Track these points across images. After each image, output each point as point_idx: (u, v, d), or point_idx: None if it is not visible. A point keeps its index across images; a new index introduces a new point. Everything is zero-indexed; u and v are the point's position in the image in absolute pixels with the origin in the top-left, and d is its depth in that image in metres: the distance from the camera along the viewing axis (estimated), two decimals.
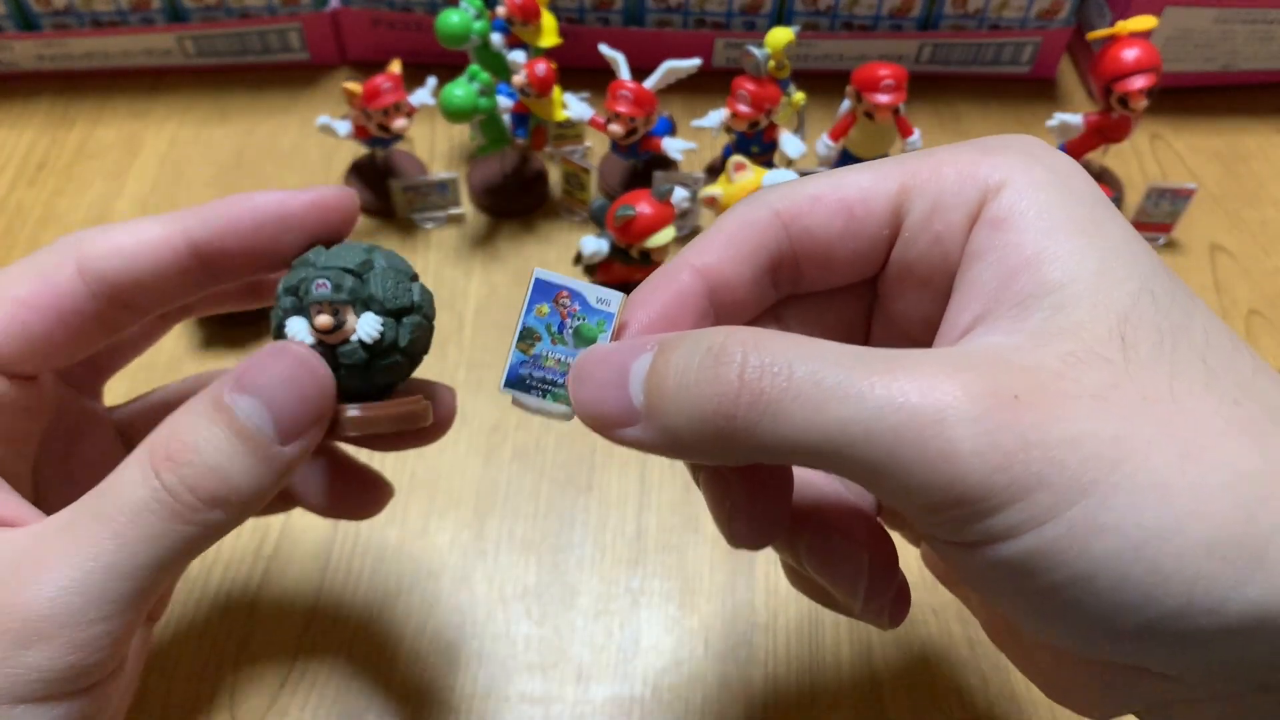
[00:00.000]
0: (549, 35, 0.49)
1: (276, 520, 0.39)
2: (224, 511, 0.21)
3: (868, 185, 0.22)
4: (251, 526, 0.39)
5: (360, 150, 0.52)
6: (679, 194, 0.41)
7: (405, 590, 0.37)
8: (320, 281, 0.23)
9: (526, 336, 0.23)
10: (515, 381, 0.23)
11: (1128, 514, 0.17)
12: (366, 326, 0.23)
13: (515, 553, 0.39)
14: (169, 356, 0.44)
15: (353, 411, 0.24)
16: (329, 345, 0.23)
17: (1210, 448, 0.17)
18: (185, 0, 0.55)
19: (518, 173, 0.52)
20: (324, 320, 0.23)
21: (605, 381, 0.21)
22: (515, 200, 0.51)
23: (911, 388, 0.18)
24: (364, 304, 0.24)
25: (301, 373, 0.22)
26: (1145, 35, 0.47)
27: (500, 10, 0.48)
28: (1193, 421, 0.18)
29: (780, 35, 0.46)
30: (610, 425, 0.20)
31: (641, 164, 0.51)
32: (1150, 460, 0.17)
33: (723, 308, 0.23)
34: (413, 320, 0.25)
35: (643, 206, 0.40)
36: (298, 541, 0.38)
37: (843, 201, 0.22)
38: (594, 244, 0.42)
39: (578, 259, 0.43)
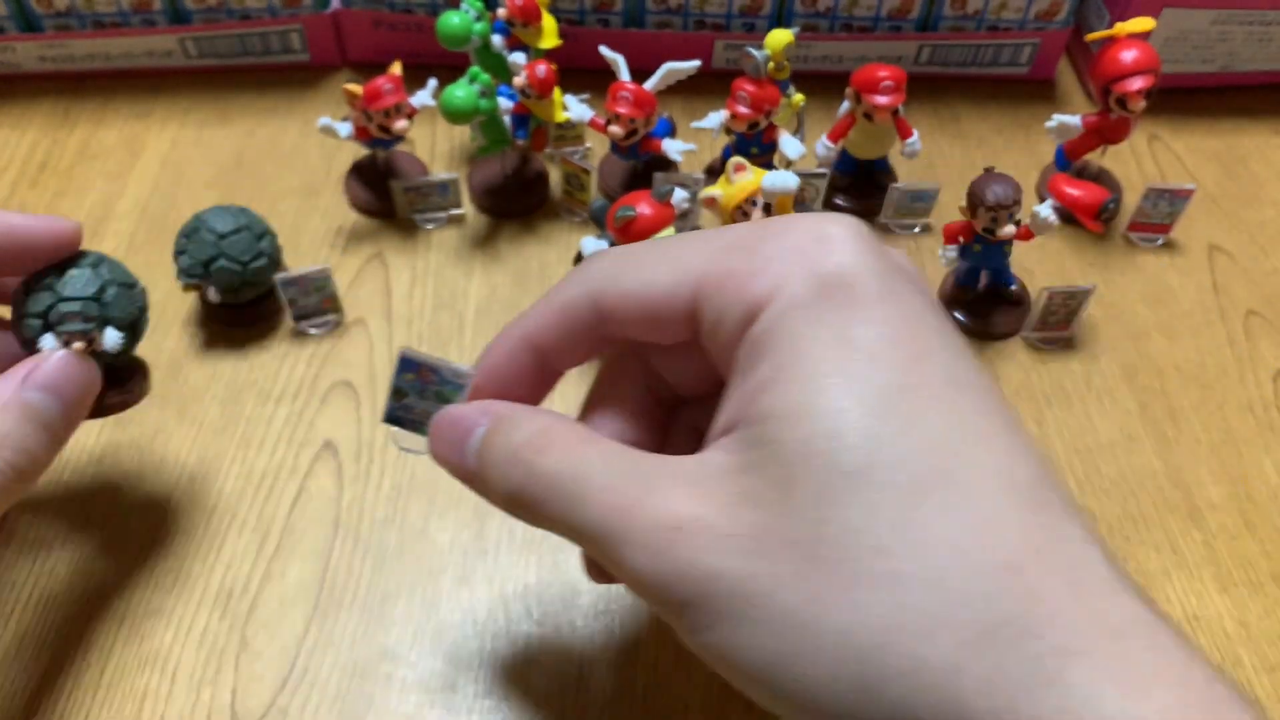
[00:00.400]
0: (549, 37, 0.49)
1: (278, 519, 0.39)
2: (30, 479, 0.30)
3: (669, 287, 0.25)
4: (253, 525, 0.39)
5: (361, 151, 0.52)
6: (679, 195, 0.41)
7: (406, 590, 0.37)
8: (72, 314, 0.31)
9: (398, 394, 0.28)
10: (391, 419, 0.29)
11: (756, 641, 0.21)
12: (111, 341, 0.32)
13: (516, 552, 0.39)
14: (169, 357, 0.44)
15: (109, 400, 0.34)
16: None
17: (834, 600, 0.20)
18: (187, 2, 0.55)
19: (518, 174, 0.52)
20: (80, 345, 0.31)
21: (452, 443, 0.26)
22: (516, 201, 0.51)
23: (610, 510, 0.23)
24: (104, 321, 0.31)
25: (83, 373, 0.31)
26: (1144, 36, 0.47)
27: (501, 12, 0.48)
28: (826, 570, 0.20)
29: (779, 37, 0.46)
30: (456, 476, 0.27)
31: (641, 165, 0.51)
32: (776, 600, 0.20)
33: (552, 362, 0.28)
34: (140, 320, 0.33)
35: (643, 207, 0.41)
36: (298, 541, 0.39)
37: (646, 306, 0.25)
38: (594, 244, 0.42)
39: (578, 259, 0.43)
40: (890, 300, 0.22)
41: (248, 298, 0.44)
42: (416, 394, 0.29)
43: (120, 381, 0.35)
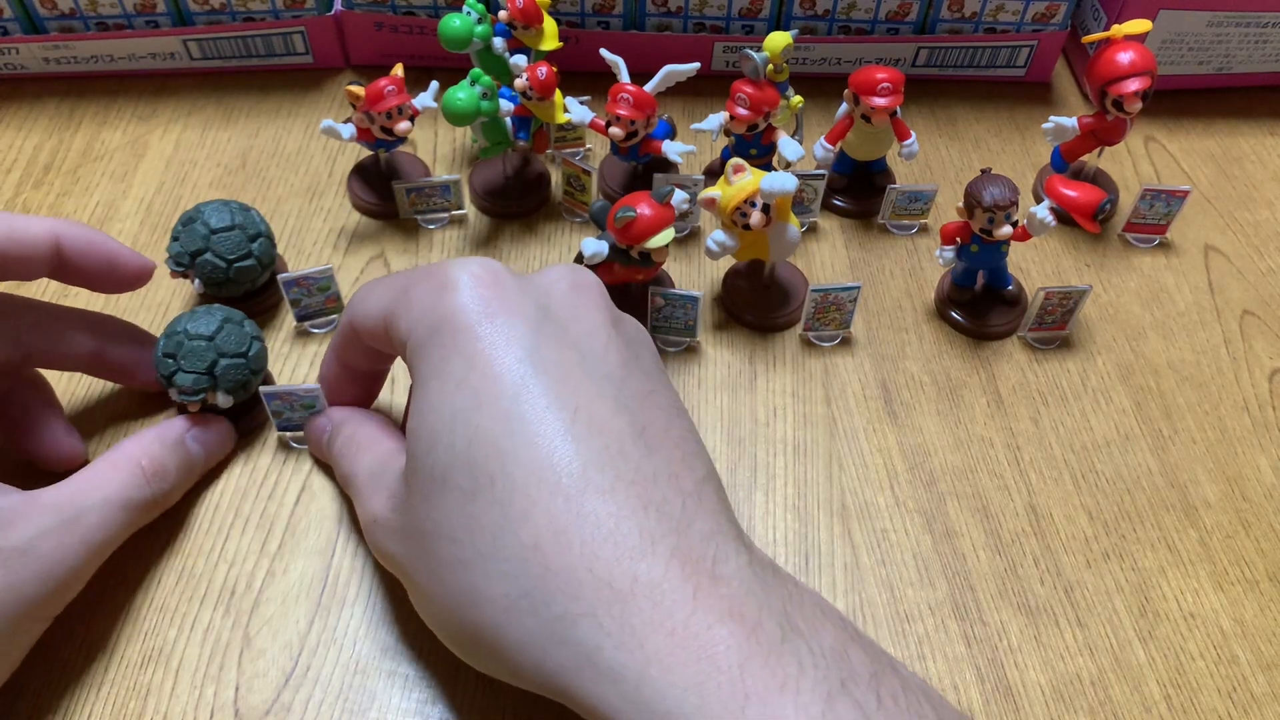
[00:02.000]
0: (550, 39, 0.50)
1: (281, 517, 0.39)
2: (161, 509, 0.37)
3: (374, 315, 0.33)
4: (256, 523, 0.39)
5: (363, 152, 0.52)
6: (679, 196, 0.42)
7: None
8: (185, 386, 0.38)
9: (277, 413, 0.40)
10: (282, 429, 0.41)
11: (420, 606, 0.31)
12: (223, 401, 0.39)
13: None
14: None
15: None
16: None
17: (438, 579, 0.28)
18: (190, 4, 0.55)
19: (519, 175, 0.52)
20: (195, 404, 0.39)
21: (315, 441, 0.39)
22: (517, 202, 0.52)
23: (363, 500, 0.34)
24: (214, 386, 0.38)
25: (228, 441, 0.41)
26: (1140, 39, 0.48)
27: (502, 14, 0.49)
28: (431, 556, 0.28)
29: (778, 39, 0.47)
30: (318, 456, 0.40)
31: (641, 166, 0.51)
32: (417, 577, 0.29)
33: (354, 367, 0.38)
34: (251, 382, 0.40)
35: (643, 208, 0.41)
36: (301, 538, 0.39)
37: (363, 327, 0.34)
38: (594, 245, 0.43)
39: (578, 260, 0.44)
40: (479, 336, 0.28)
41: (234, 294, 0.44)
42: (289, 410, 0.39)
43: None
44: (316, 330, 0.46)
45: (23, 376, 0.39)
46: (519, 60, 0.48)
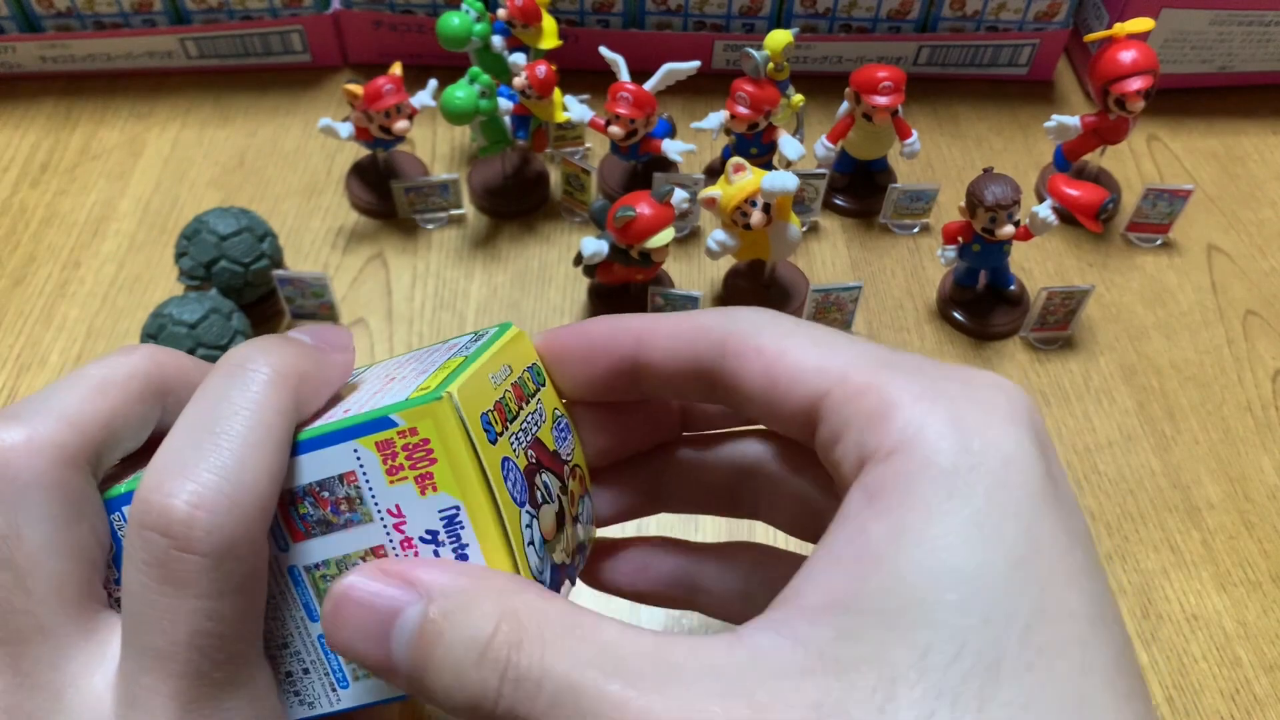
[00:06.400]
0: (549, 38, 0.49)
1: None
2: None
3: (798, 375, 0.21)
4: None
5: (362, 152, 0.52)
6: (679, 195, 0.41)
7: None
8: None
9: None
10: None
11: None
12: None
13: None
14: None
15: None
16: None
17: None
18: (187, 2, 0.55)
19: (518, 174, 0.52)
20: None
21: (364, 630, 0.19)
22: (516, 201, 0.51)
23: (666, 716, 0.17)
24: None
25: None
26: (1142, 37, 0.47)
27: (501, 13, 0.49)
28: None
29: (779, 37, 0.47)
30: (370, 669, 0.20)
31: (641, 165, 0.51)
32: None
33: (649, 385, 0.23)
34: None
35: (643, 208, 0.41)
36: None
37: (770, 376, 0.21)
38: (594, 245, 0.42)
39: (578, 260, 0.44)
40: (1046, 502, 0.18)
41: (249, 299, 0.44)
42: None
43: None
44: None
45: None
46: (518, 59, 0.48)
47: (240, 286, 0.43)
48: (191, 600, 0.19)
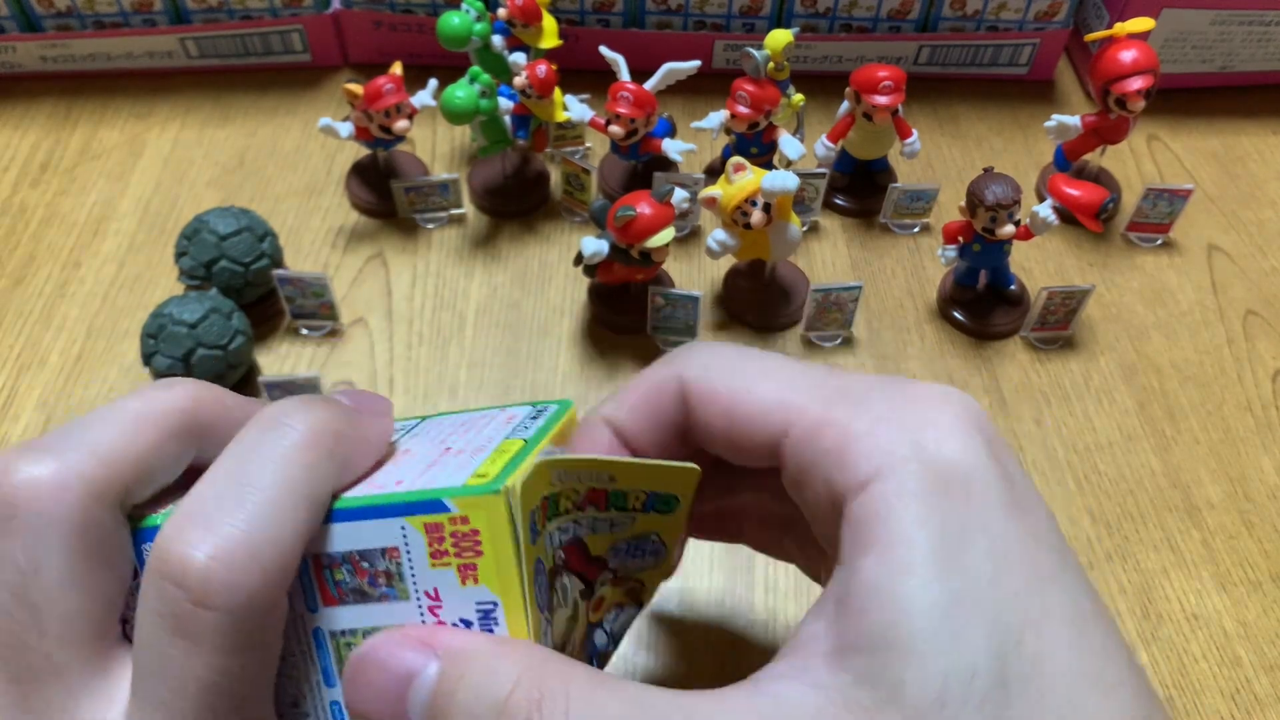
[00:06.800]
0: (549, 37, 0.49)
1: None
2: None
3: (756, 415, 0.22)
4: None
5: (362, 151, 0.52)
6: (679, 195, 0.41)
7: None
8: (160, 370, 0.38)
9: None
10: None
11: None
12: None
13: None
14: None
15: None
16: None
17: None
18: (187, 2, 0.55)
19: (519, 174, 0.52)
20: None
21: (383, 692, 0.19)
22: (516, 201, 0.51)
23: None
24: (189, 374, 0.38)
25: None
26: (1143, 37, 0.47)
27: (501, 12, 0.49)
28: None
29: (779, 37, 0.47)
30: None
31: (641, 165, 0.51)
32: None
33: (632, 444, 0.24)
34: (228, 375, 0.40)
35: (643, 207, 0.41)
36: None
37: (731, 412, 0.22)
38: (594, 244, 0.42)
39: (578, 259, 0.44)
40: (1010, 511, 0.19)
41: (249, 298, 0.44)
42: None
43: None
44: (309, 333, 0.46)
45: None
46: (518, 58, 0.48)
47: (240, 286, 0.43)
48: (204, 656, 0.18)
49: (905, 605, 0.18)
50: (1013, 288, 0.48)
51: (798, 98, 0.51)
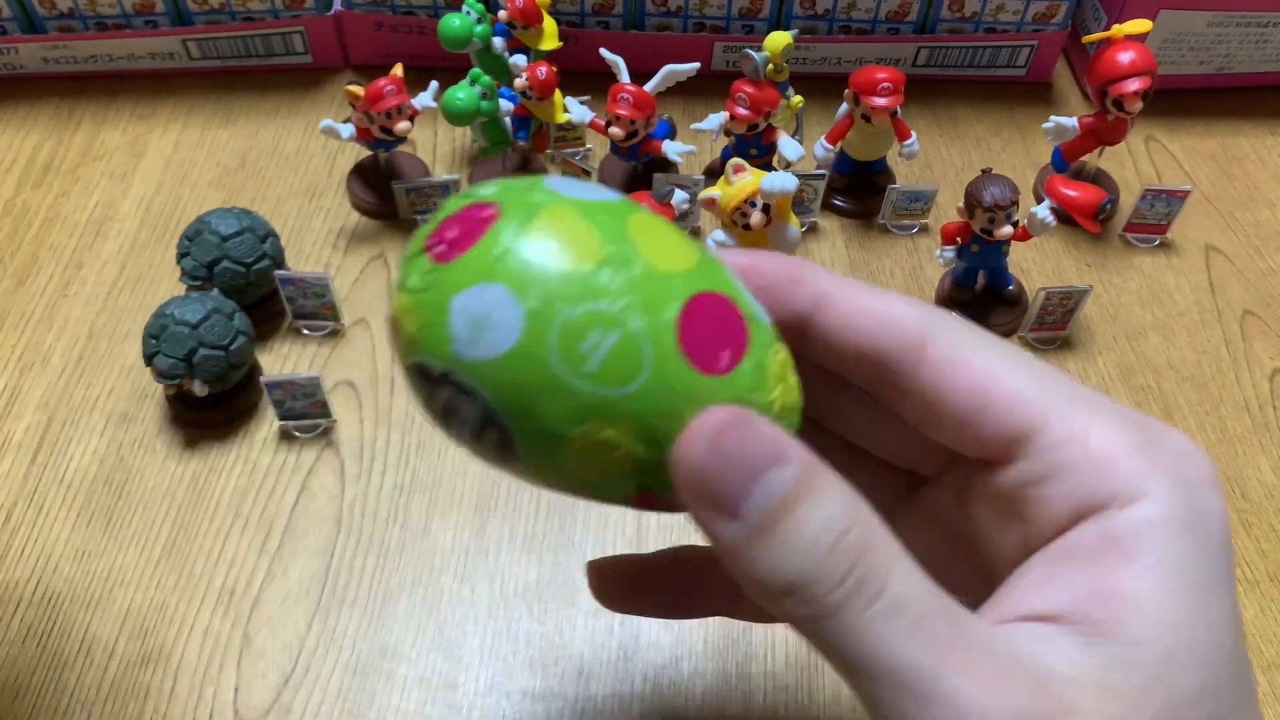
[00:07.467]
0: (550, 39, 0.50)
1: (280, 518, 0.39)
2: None
3: (1014, 402, 0.21)
4: (255, 524, 0.39)
5: (363, 152, 0.52)
6: (679, 196, 0.42)
7: (408, 588, 0.38)
8: (162, 370, 0.39)
9: (278, 403, 0.41)
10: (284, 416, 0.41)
11: None
12: (199, 390, 0.40)
13: (517, 551, 0.39)
14: None
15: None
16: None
17: None
18: (189, 3, 0.55)
19: (519, 175, 0.52)
20: (172, 388, 0.41)
21: (739, 465, 0.18)
22: None
23: (965, 685, 0.17)
24: (191, 373, 0.40)
25: None
26: (1140, 38, 0.48)
27: (502, 14, 0.49)
28: None
29: (778, 39, 0.47)
30: (704, 503, 0.18)
31: (641, 166, 0.51)
32: None
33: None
34: (229, 374, 0.41)
35: None
36: (301, 539, 0.39)
37: (982, 398, 0.21)
38: None
39: None
40: (1225, 555, 0.20)
41: (251, 299, 0.44)
42: (291, 399, 0.33)
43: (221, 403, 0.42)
44: (309, 332, 0.46)
45: None
46: (518, 60, 0.48)
47: (242, 287, 0.43)
48: None
49: (1169, 619, 0.19)
50: (1011, 288, 0.48)
51: (797, 99, 0.51)
